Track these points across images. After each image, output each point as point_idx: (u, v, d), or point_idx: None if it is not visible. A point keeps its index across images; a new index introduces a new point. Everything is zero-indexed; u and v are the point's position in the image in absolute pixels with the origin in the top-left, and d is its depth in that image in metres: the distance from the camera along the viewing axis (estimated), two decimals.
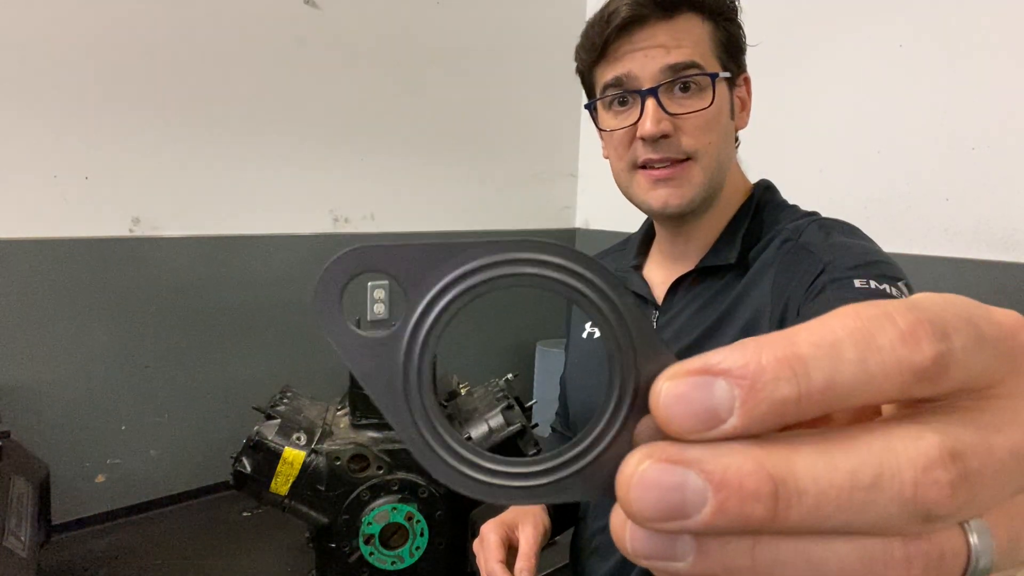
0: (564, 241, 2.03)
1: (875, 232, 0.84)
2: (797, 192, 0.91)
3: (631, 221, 0.97)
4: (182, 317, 1.43)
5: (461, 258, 0.19)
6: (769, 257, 0.75)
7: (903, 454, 0.15)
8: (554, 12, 2.05)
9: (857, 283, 0.62)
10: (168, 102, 1.39)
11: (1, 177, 1.23)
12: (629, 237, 0.97)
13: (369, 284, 1.71)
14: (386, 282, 1.74)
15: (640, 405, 0.18)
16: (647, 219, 0.94)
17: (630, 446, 0.17)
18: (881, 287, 0.61)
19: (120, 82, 1.33)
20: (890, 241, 0.85)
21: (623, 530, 0.17)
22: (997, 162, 1.37)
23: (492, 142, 1.96)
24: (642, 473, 0.16)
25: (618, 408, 0.18)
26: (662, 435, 0.17)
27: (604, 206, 2.16)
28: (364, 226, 1.71)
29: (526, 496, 0.18)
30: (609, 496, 0.17)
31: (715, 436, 0.16)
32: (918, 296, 0.17)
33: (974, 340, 0.16)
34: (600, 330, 0.19)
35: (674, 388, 0.16)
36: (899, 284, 0.63)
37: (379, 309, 1.73)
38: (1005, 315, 0.18)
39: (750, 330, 0.72)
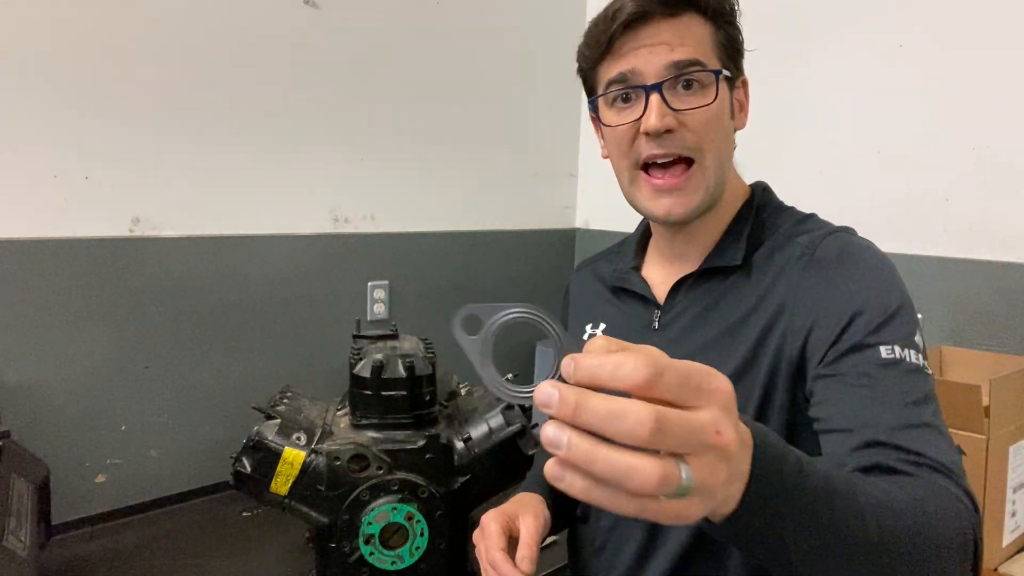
0: (565, 241, 2.05)
1: (875, 232, 0.84)
2: (797, 192, 0.91)
3: (631, 221, 0.97)
4: (182, 317, 1.43)
5: (501, 311, 0.44)
6: (785, 266, 0.77)
7: (636, 411, 0.34)
8: (554, 12, 2.05)
9: (884, 353, 0.67)
10: (168, 102, 1.39)
11: (1, 177, 1.23)
12: (624, 239, 0.98)
13: (369, 284, 1.72)
14: (386, 282, 1.74)
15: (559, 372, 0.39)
16: (643, 220, 0.95)
17: None
18: (902, 355, 0.67)
19: (120, 82, 1.33)
20: (890, 241, 0.85)
21: (543, 431, 0.37)
22: (997, 162, 1.37)
23: (492, 142, 1.96)
24: (541, 387, 0.37)
25: (553, 373, 0.40)
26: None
27: (604, 206, 2.15)
28: (364, 226, 1.71)
29: (520, 399, 0.42)
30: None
31: (571, 384, 0.37)
32: (675, 362, 0.37)
33: (679, 382, 0.36)
34: (552, 345, 0.43)
35: (563, 367, 0.38)
36: (915, 340, 0.69)
37: (379, 309, 1.74)
38: (720, 381, 0.38)
39: (770, 330, 0.74)
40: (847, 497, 0.49)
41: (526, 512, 0.81)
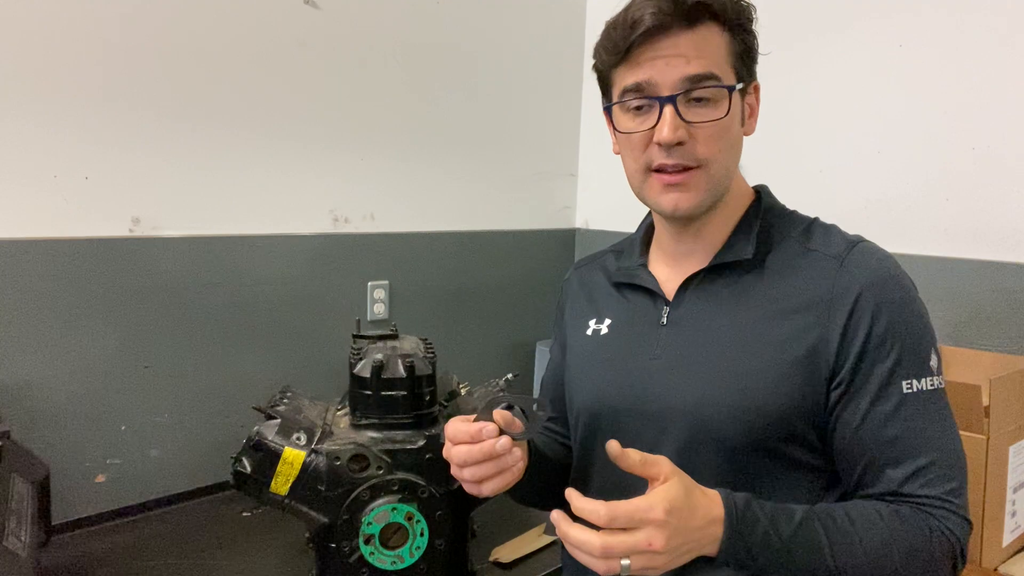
0: (565, 241, 2.04)
1: (875, 232, 0.84)
2: (797, 192, 0.91)
3: (631, 221, 0.97)
4: (182, 317, 1.43)
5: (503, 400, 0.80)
6: (808, 270, 0.79)
7: (592, 540, 0.64)
8: (554, 12, 2.05)
9: (904, 387, 0.75)
10: (168, 102, 1.39)
11: (1, 177, 1.23)
12: (626, 238, 0.99)
13: (369, 284, 1.71)
14: (386, 282, 1.74)
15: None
16: (644, 220, 0.96)
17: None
18: (920, 386, 0.75)
19: (120, 82, 1.33)
20: (890, 241, 0.85)
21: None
22: (997, 162, 1.37)
23: (492, 142, 1.96)
24: (552, 515, 0.68)
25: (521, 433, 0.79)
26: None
27: (604, 206, 2.15)
28: (364, 226, 1.71)
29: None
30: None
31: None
32: (624, 508, 0.65)
33: (625, 520, 0.64)
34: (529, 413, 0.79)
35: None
36: (930, 366, 0.76)
37: (379, 309, 1.73)
38: (656, 513, 0.64)
39: (802, 332, 0.77)
40: (813, 544, 0.70)
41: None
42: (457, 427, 0.78)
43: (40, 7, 1.24)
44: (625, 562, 0.63)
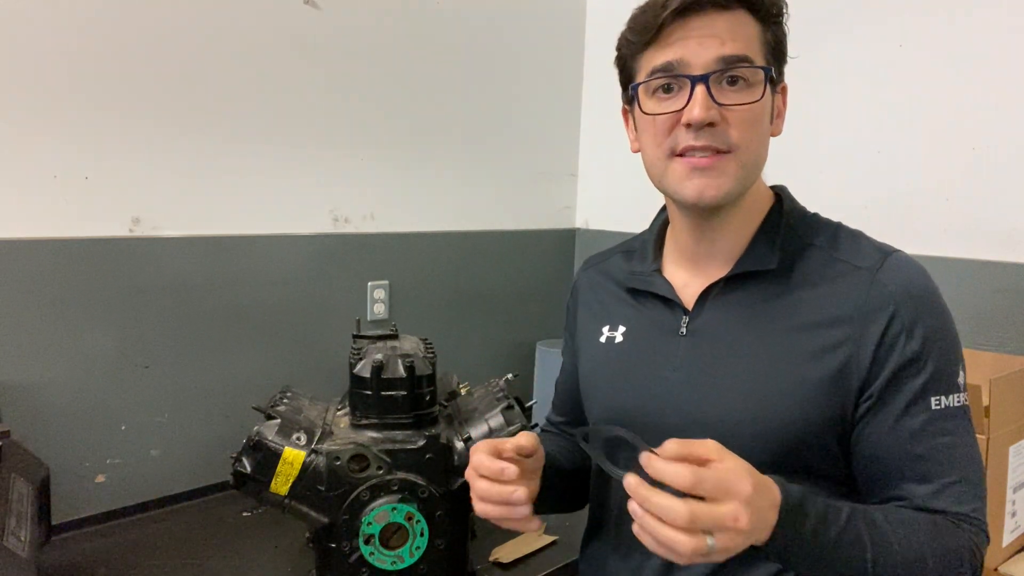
0: (565, 241, 2.04)
1: (875, 232, 0.85)
2: (798, 193, 0.91)
3: (631, 221, 0.97)
4: (182, 317, 1.43)
5: (600, 439, 0.73)
6: (840, 281, 0.76)
7: (678, 508, 0.57)
8: (555, 13, 2.05)
9: (933, 403, 0.73)
10: (168, 102, 1.39)
11: (1, 177, 1.23)
12: (635, 238, 0.95)
13: (369, 284, 1.71)
14: (386, 282, 1.74)
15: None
16: (656, 219, 0.92)
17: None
18: (947, 402, 0.74)
19: (120, 83, 1.33)
20: (890, 241, 0.85)
21: (631, 505, 0.60)
22: (997, 162, 1.37)
23: (492, 142, 1.96)
24: (627, 479, 0.61)
25: (634, 466, 0.61)
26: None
27: (604, 206, 2.15)
28: (364, 226, 1.71)
29: (617, 475, 0.63)
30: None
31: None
32: (712, 472, 0.59)
33: (713, 486, 0.58)
34: (635, 441, 0.63)
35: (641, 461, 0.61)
36: (958, 382, 0.75)
37: (379, 309, 1.73)
38: (745, 484, 0.58)
39: (834, 347, 0.74)
40: (856, 547, 0.66)
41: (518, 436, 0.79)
42: (481, 459, 0.76)
43: (40, 7, 1.24)
44: (711, 541, 0.56)
